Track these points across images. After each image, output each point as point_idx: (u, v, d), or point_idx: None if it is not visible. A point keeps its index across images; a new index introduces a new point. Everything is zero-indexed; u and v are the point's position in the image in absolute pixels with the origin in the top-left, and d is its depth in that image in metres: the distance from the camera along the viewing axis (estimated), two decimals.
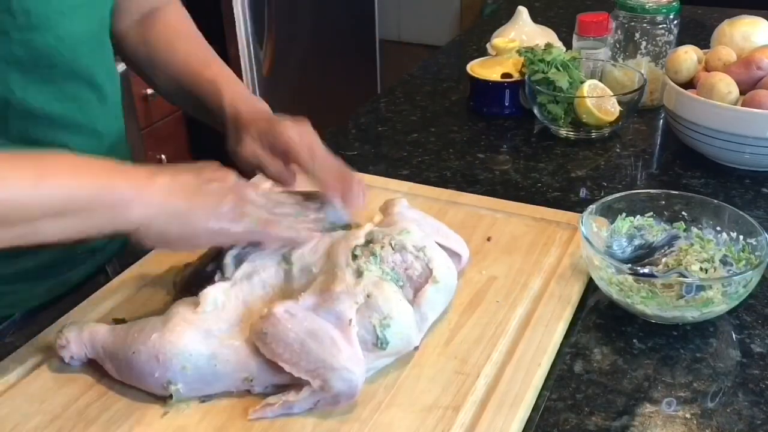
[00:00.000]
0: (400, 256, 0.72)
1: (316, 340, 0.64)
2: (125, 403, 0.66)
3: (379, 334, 0.66)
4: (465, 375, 0.68)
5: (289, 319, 0.65)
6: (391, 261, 0.72)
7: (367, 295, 0.67)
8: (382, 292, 0.68)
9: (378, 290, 0.68)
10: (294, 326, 0.65)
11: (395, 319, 0.67)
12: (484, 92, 1.26)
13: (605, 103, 1.15)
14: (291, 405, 0.64)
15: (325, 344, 0.64)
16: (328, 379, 0.63)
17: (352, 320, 0.65)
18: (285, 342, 0.64)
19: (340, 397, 0.64)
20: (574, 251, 0.85)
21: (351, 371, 0.63)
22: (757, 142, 1.00)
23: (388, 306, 0.67)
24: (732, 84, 1.02)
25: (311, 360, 0.64)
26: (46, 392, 0.68)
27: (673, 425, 0.65)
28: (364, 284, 0.68)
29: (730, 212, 0.82)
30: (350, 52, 2.93)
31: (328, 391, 0.63)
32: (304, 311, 0.66)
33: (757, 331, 0.76)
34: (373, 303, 0.67)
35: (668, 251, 0.83)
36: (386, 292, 0.68)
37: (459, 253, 0.80)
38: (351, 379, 0.63)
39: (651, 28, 1.23)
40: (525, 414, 0.65)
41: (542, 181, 1.05)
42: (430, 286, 0.72)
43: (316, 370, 0.63)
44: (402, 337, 0.68)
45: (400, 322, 0.68)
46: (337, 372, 0.63)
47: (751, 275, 0.73)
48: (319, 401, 0.64)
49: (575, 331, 0.76)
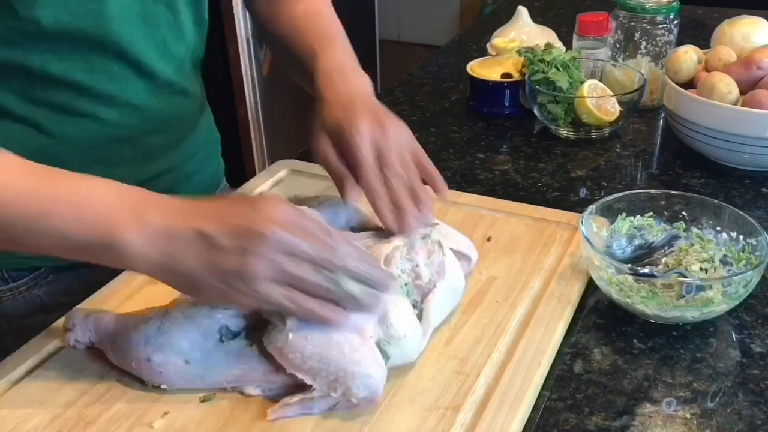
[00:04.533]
0: (409, 263, 0.72)
1: (337, 349, 0.63)
2: (125, 403, 0.66)
3: (384, 348, 0.66)
4: (465, 375, 0.68)
5: (305, 328, 0.63)
6: (405, 268, 0.71)
7: (383, 315, 0.66)
8: (397, 313, 0.67)
9: (394, 309, 0.67)
10: (310, 338, 0.63)
11: (402, 339, 0.67)
12: (484, 92, 1.26)
13: (605, 103, 1.15)
14: (311, 405, 0.64)
15: (346, 352, 0.63)
16: (351, 387, 0.63)
17: (370, 334, 0.65)
18: (302, 354, 0.63)
19: (362, 403, 0.63)
20: (574, 251, 0.85)
21: (372, 377, 0.63)
22: (757, 142, 1.00)
23: (400, 325, 0.67)
24: (732, 84, 1.02)
25: (332, 372, 0.63)
26: (46, 392, 0.68)
27: (673, 425, 0.65)
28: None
29: (730, 212, 0.82)
30: None
31: (351, 397, 0.63)
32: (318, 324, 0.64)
33: (757, 331, 0.76)
34: (385, 319, 0.66)
35: (668, 251, 0.83)
36: (402, 312, 0.68)
37: (469, 255, 0.79)
38: (373, 385, 0.63)
39: (651, 28, 1.23)
40: (525, 414, 0.65)
41: (542, 181, 1.05)
42: (439, 291, 0.72)
43: (338, 380, 0.63)
44: (404, 354, 0.68)
45: (406, 342, 0.67)
46: (361, 379, 0.62)
47: (751, 275, 0.73)
48: (338, 404, 0.64)
49: (575, 331, 0.76)
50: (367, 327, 0.65)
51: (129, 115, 0.83)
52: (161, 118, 0.87)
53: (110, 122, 0.82)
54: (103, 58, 0.79)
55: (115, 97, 0.81)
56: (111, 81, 0.80)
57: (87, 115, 0.80)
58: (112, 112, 0.81)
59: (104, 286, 0.80)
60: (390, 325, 0.66)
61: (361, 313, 0.64)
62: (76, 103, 0.79)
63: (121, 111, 0.82)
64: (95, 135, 0.81)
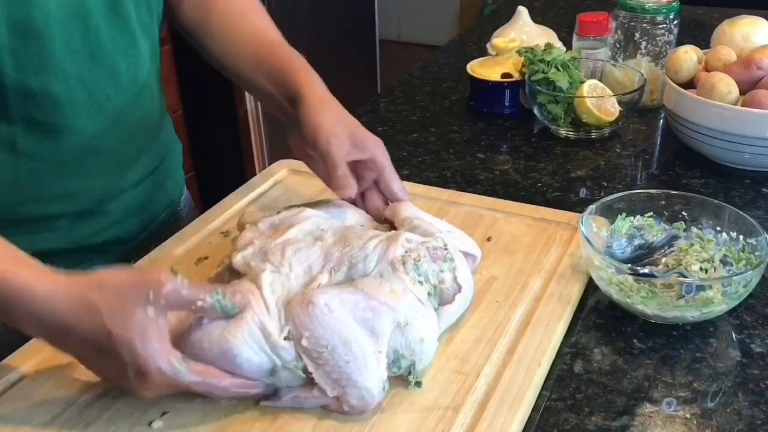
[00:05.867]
0: (436, 265, 0.71)
1: (349, 351, 0.63)
2: (125, 403, 0.66)
3: (395, 359, 0.66)
4: (465, 375, 0.68)
5: (328, 315, 0.63)
6: (429, 271, 0.70)
7: (406, 323, 0.66)
8: (420, 321, 0.67)
9: (417, 317, 0.66)
10: (330, 325, 0.63)
11: (418, 352, 0.67)
12: (484, 92, 1.26)
13: (605, 103, 1.15)
14: (302, 401, 0.64)
15: (356, 358, 0.63)
16: (347, 393, 0.63)
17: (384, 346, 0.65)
18: (316, 338, 0.63)
19: (352, 411, 0.64)
20: (574, 251, 0.85)
21: (371, 392, 0.63)
22: (757, 142, 1.00)
23: (419, 334, 0.66)
24: (732, 84, 1.02)
25: (336, 370, 0.63)
26: (46, 392, 0.68)
27: (673, 425, 0.65)
28: (409, 303, 0.66)
29: (730, 212, 0.82)
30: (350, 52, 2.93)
31: (344, 402, 0.63)
32: (343, 310, 0.64)
33: (757, 331, 0.76)
34: (407, 330, 0.66)
35: (668, 251, 0.83)
36: (425, 321, 0.67)
37: (474, 254, 0.79)
38: (368, 399, 0.63)
39: (651, 28, 1.23)
40: (525, 414, 0.65)
41: (542, 181, 1.05)
42: (457, 303, 0.72)
43: (339, 381, 0.63)
44: (413, 364, 0.67)
45: (422, 354, 0.67)
46: (358, 390, 0.63)
47: (751, 275, 0.73)
48: (329, 405, 0.64)
49: (575, 331, 0.76)
50: (384, 335, 0.65)
51: (102, 122, 0.83)
52: (130, 120, 0.87)
53: (86, 132, 0.81)
54: (75, 64, 0.78)
55: (88, 104, 0.81)
56: (84, 89, 0.80)
57: (63, 129, 0.79)
58: (87, 122, 0.81)
59: None
60: (410, 336, 0.66)
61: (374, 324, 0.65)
62: (53, 117, 0.78)
63: (95, 119, 0.82)
64: (73, 148, 0.81)
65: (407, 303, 0.66)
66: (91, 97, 0.81)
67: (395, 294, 0.66)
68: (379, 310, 0.65)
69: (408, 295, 0.67)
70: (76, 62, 0.78)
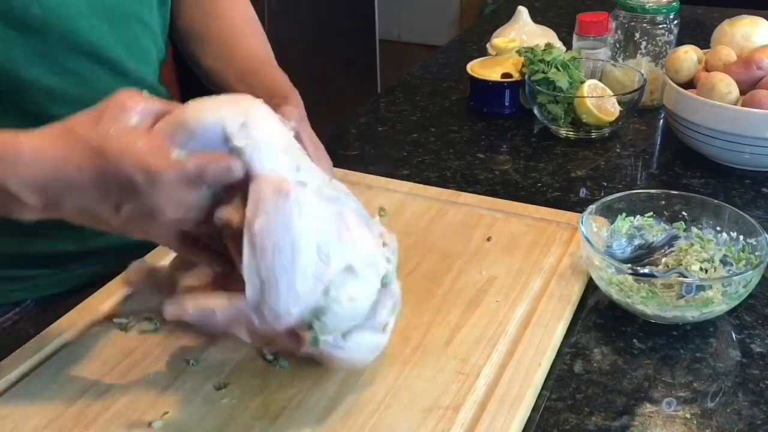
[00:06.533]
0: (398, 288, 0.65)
1: (291, 260, 0.56)
2: (125, 403, 0.66)
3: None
4: (465, 375, 0.68)
5: (295, 215, 0.57)
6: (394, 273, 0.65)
7: (353, 271, 0.59)
8: (363, 279, 0.61)
9: (366, 273, 0.61)
10: (291, 227, 0.56)
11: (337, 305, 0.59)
12: (484, 92, 1.26)
13: (605, 103, 1.15)
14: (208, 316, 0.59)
15: (294, 271, 0.56)
16: (264, 302, 0.57)
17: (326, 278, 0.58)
18: (269, 229, 0.56)
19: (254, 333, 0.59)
20: (574, 251, 0.85)
21: (288, 312, 0.57)
22: (757, 142, 1.00)
23: (354, 291, 0.60)
24: (732, 84, 1.02)
25: (269, 270, 0.56)
26: (46, 392, 0.68)
27: (673, 425, 0.65)
28: (370, 255, 0.61)
29: (730, 212, 0.82)
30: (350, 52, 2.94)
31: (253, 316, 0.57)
32: (311, 220, 0.57)
33: (757, 331, 0.76)
34: (347, 279, 0.59)
35: (668, 251, 0.83)
36: (367, 285, 0.61)
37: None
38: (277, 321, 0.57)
39: (651, 28, 1.23)
40: (525, 414, 0.65)
41: (542, 181, 1.06)
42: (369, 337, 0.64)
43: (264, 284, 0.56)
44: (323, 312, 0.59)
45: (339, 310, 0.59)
46: (275, 305, 0.57)
47: (751, 275, 0.73)
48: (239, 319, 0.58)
49: (575, 331, 0.76)
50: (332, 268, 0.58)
51: None
52: None
53: None
54: (74, 59, 0.78)
55: (87, 99, 0.81)
56: (83, 84, 0.79)
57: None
58: None
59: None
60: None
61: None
62: (49, 110, 0.78)
63: None
64: None
65: (369, 254, 0.61)
66: (91, 92, 0.80)
67: (365, 238, 0.61)
68: (345, 241, 0.59)
69: (375, 250, 0.62)
70: (77, 60, 0.78)
